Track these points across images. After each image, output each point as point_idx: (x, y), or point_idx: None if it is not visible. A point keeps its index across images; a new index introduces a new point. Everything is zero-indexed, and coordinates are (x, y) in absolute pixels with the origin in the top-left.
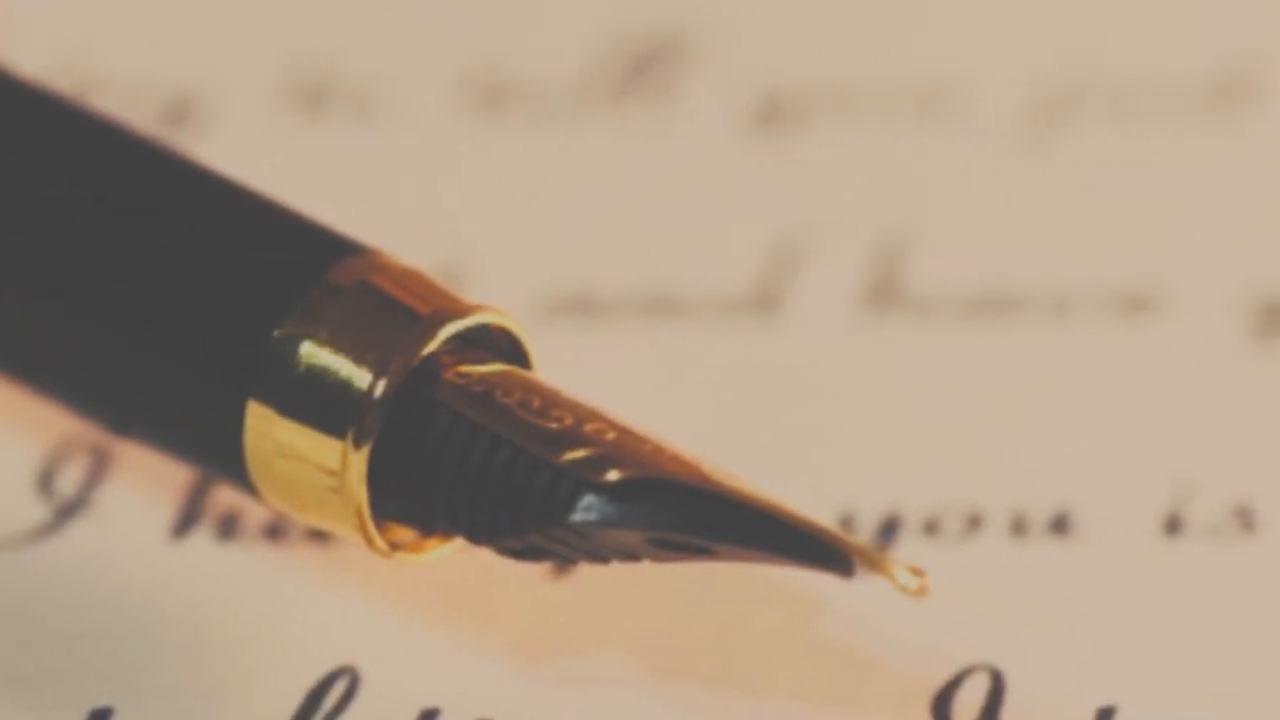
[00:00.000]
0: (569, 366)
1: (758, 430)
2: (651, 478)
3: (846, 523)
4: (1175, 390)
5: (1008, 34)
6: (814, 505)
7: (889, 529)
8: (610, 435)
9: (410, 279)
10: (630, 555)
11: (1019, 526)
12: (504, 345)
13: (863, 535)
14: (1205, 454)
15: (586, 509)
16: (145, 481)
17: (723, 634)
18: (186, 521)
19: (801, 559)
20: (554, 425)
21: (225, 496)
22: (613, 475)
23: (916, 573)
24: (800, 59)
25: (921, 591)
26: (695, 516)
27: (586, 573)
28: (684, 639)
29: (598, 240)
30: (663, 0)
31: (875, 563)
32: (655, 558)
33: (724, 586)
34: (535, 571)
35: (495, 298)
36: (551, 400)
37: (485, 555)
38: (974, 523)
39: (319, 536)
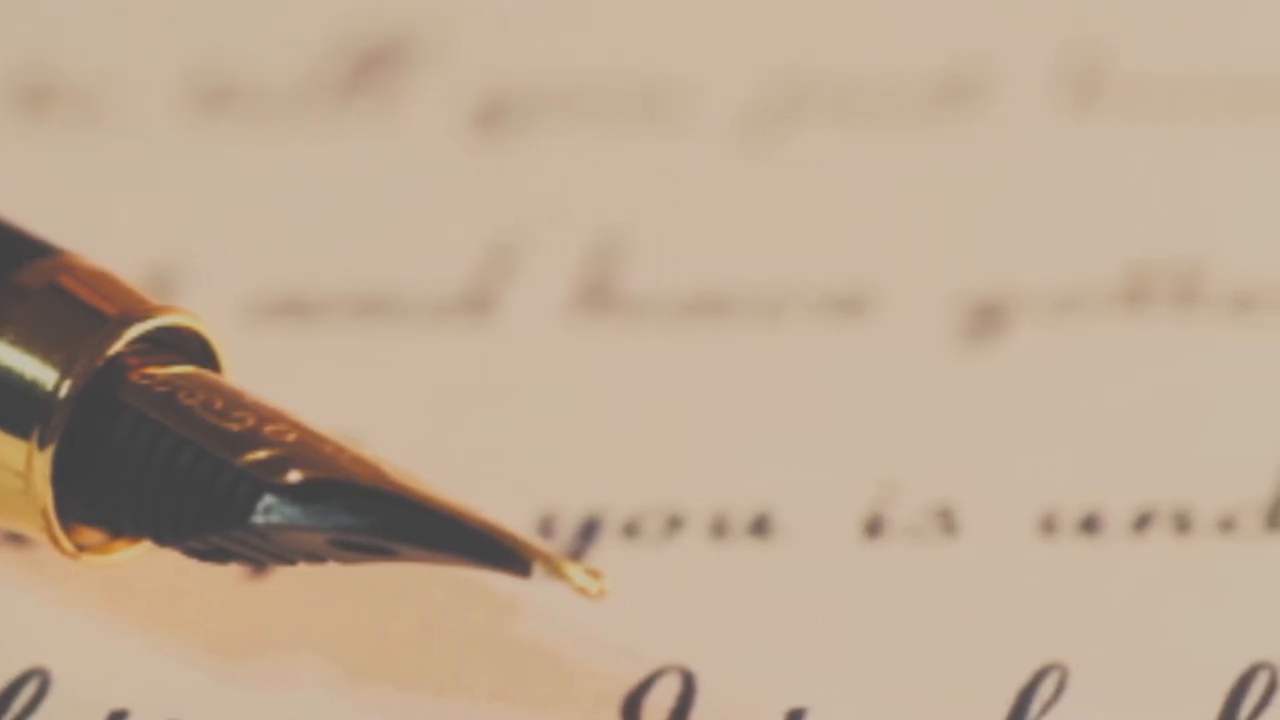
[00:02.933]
0: (282, 368)
1: (465, 431)
2: (331, 479)
3: (547, 524)
4: (883, 392)
5: (732, 35)
6: (517, 506)
7: (589, 530)
8: (291, 436)
9: (100, 280)
10: (314, 556)
11: (719, 528)
12: (196, 348)
13: (563, 536)
14: (909, 455)
15: (266, 510)
16: None
17: (419, 634)
18: None
19: (480, 560)
20: (235, 426)
21: None
22: (292, 476)
23: (594, 575)
24: (525, 61)
25: (600, 594)
26: (374, 517)
27: (283, 573)
28: (380, 639)
29: (314, 242)
30: (388, 2)
31: (552, 564)
32: (338, 558)
33: (421, 587)
34: (231, 572)
35: (210, 299)
36: (235, 401)
37: (180, 556)
38: (674, 524)
39: (14, 538)
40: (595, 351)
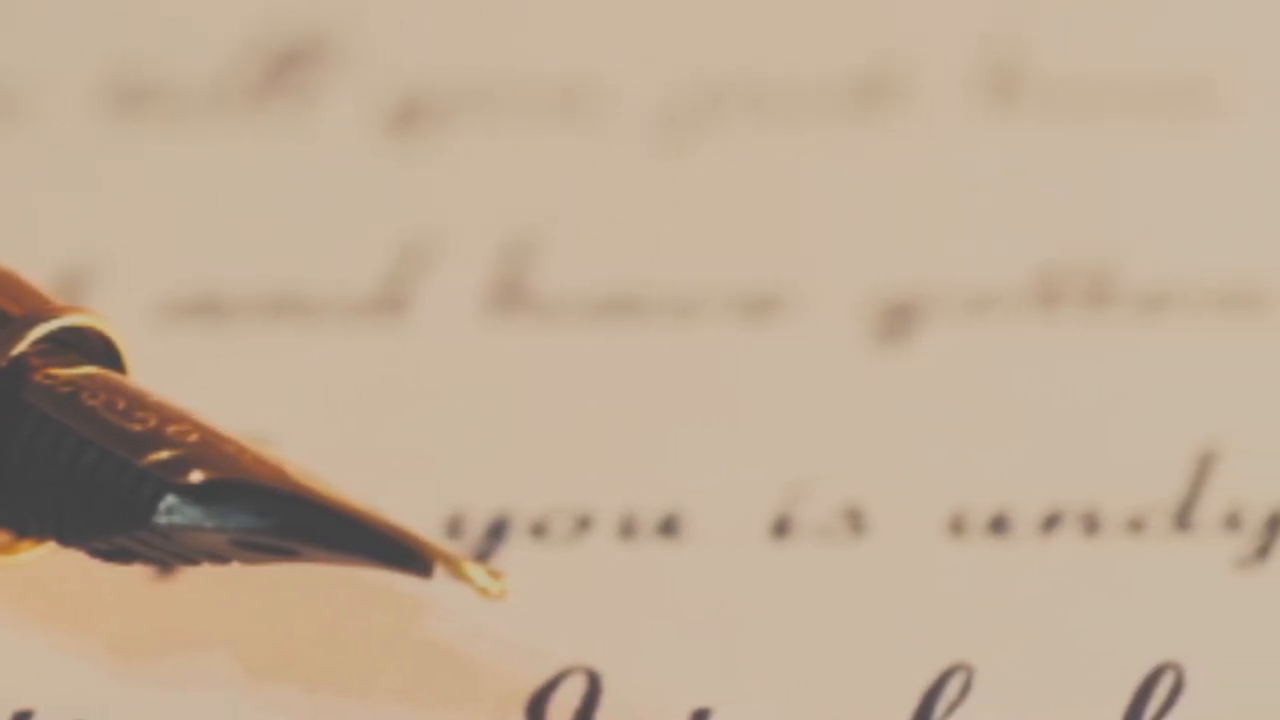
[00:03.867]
0: (195, 369)
1: (376, 431)
2: (234, 479)
3: (456, 524)
4: (794, 392)
5: (649, 35)
6: (425, 506)
7: (498, 530)
8: (193, 437)
9: (4, 280)
10: (217, 556)
11: (628, 528)
12: (101, 348)
13: (471, 536)
14: (819, 455)
15: (168, 511)
16: None
17: (325, 635)
18: None
19: (381, 561)
20: (138, 427)
21: None
22: (194, 477)
23: (495, 575)
24: (441, 61)
25: (501, 594)
26: (276, 518)
27: (190, 574)
28: (286, 640)
29: (227, 242)
30: (304, 2)
31: (453, 565)
32: (241, 559)
33: (328, 588)
34: (136, 573)
35: (122, 300)
36: (138, 402)
37: (85, 556)
38: (583, 524)
39: None
40: (508, 351)
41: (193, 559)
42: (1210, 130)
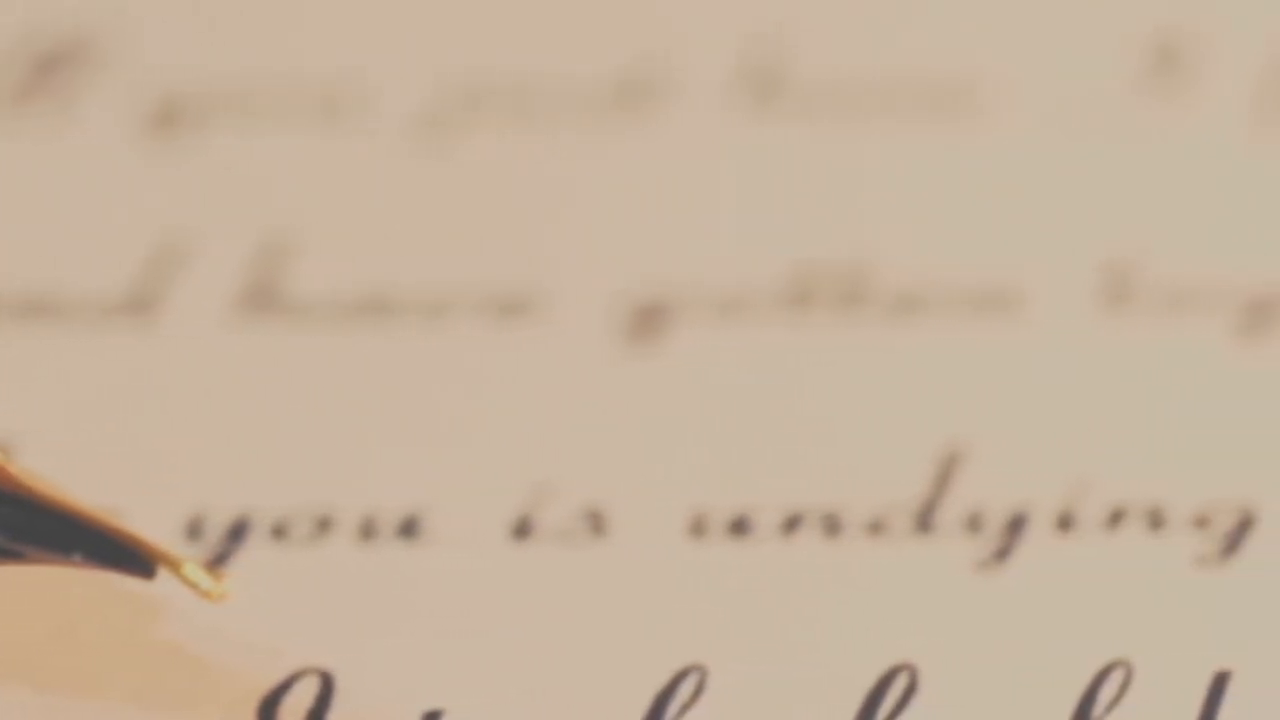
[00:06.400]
0: None
1: (122, 432)
2: None
3: (196, 525)
4: (541, 393)
5: (408, 37)
6: (167, 508)
7: (238, 532)
8: None
9: None
10: None
11: (368, 529)
12: None
13: (211, 538)
14: (562, 457)
15: None
16: None
17: (57, 636)
18: None
19: (104, 561)
20: None
21: None
22: None
23: (215, 576)
24: (201, 62)
25: (221, 595)
26: None
27: None
28: (18, 641)
29: None
30: (64, 3)
31: (173, 565)
32: None
33: (61, 588)
34: None
35: None
36: None
37: None
38: (323, 525)
39: None
40: (255, 353)
41: None
42: (963, 132)
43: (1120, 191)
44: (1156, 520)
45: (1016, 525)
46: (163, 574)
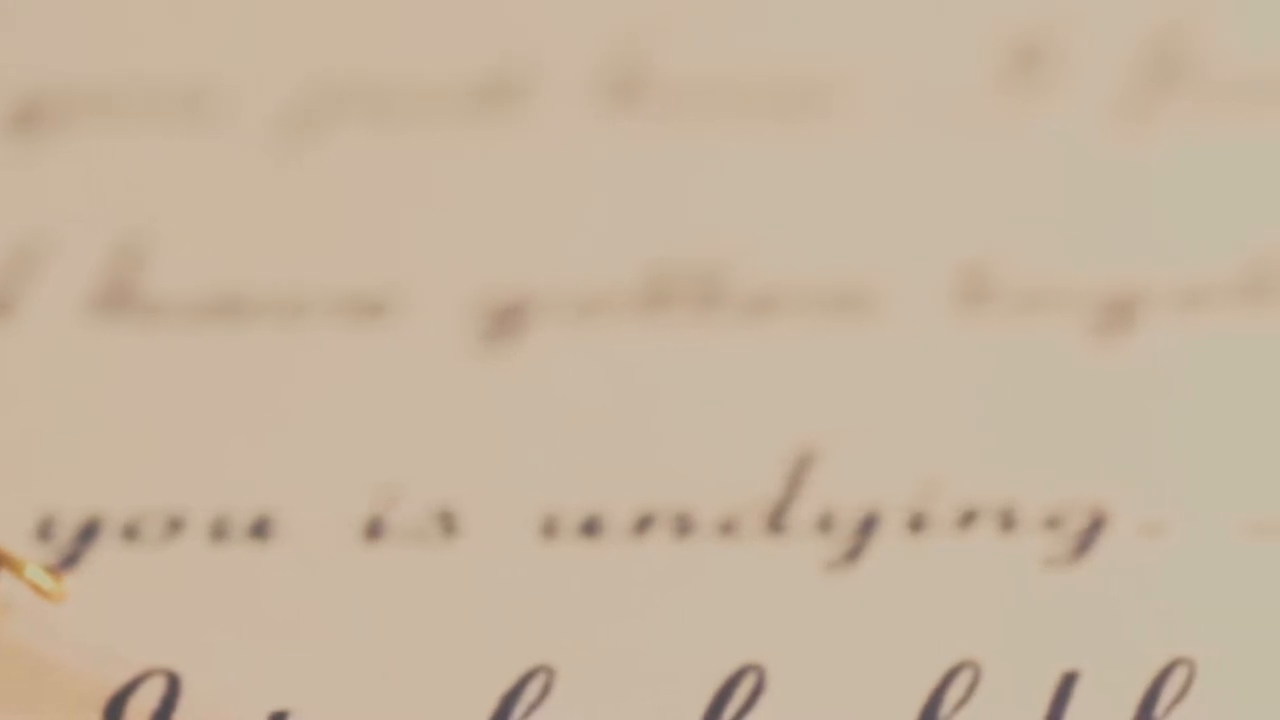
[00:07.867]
0: None
1: None
2: None
3: (46, 526)
4: (394, 394)
5: (269, 37)
6: (17, 508)
7: (89, 532)
8: None
9: None
10: None
11: (219, 530)
12: None
13: (62, 538)
14: (413, 457)
15: None
16: None
17: None
18: None
19: None
20: None
21: None
22: None
23: (54, 575)
24: (60, 63)
25: (60, 596)
26: None
27: None
28: None
29: None
30: None
31: (10, 564)
32: None
33: None
34: None
35: None
36: None
37: None
38: (174, 526)
39: None
40: (109, 353)
41: None
42: (819, 133)
43: (975, 192)
44: (1008, 521)
45: (868, 526)
46: (5, 575)
